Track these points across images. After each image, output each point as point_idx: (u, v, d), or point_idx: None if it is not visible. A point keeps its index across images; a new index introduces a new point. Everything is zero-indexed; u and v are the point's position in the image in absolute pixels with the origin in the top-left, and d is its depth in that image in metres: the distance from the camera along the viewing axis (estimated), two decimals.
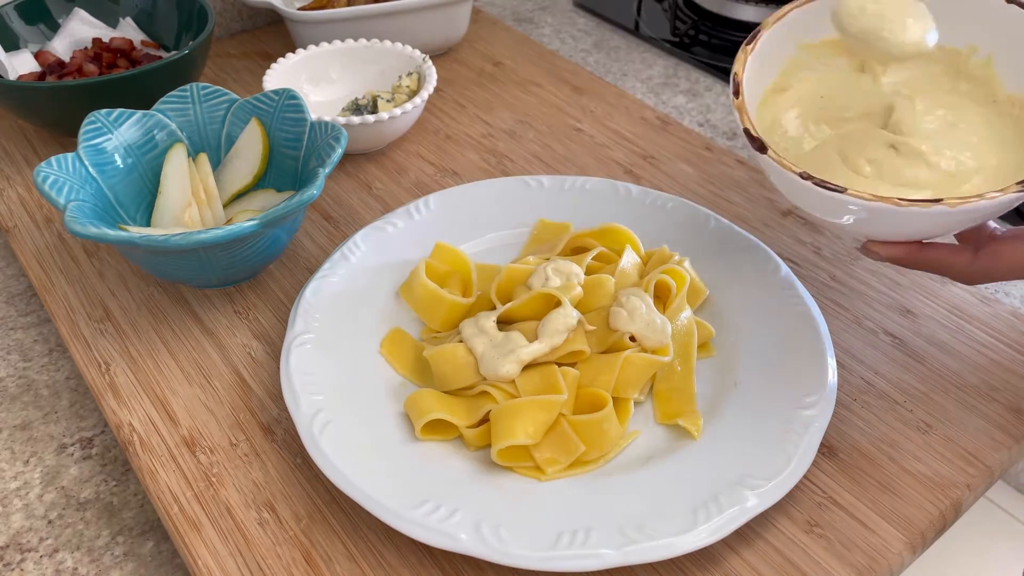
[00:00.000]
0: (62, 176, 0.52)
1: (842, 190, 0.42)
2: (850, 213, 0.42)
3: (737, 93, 0.47)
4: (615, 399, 0.47)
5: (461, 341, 0.49)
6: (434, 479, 0.44)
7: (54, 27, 0.76)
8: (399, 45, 0.74)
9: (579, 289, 0.50)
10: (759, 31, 0.49)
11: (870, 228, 0.44)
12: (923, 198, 0.41)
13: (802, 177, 0.43)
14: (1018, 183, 0.40)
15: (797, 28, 0.50)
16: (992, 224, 0.45)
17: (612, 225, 0.57)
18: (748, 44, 0.49)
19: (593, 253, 0.54)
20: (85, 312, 0.56)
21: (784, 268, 0.54)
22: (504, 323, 0.50)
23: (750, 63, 0.48)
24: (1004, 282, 0.59)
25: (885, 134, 0.47)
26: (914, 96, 0.49)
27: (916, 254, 0.44)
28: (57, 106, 0.65)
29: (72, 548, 0.46)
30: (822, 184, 0.42)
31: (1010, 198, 0.40)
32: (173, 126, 0.59)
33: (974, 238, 0.45)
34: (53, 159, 0.52)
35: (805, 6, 0.50)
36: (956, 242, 0.46)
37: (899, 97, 0.49)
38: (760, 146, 0.44)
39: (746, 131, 0.45)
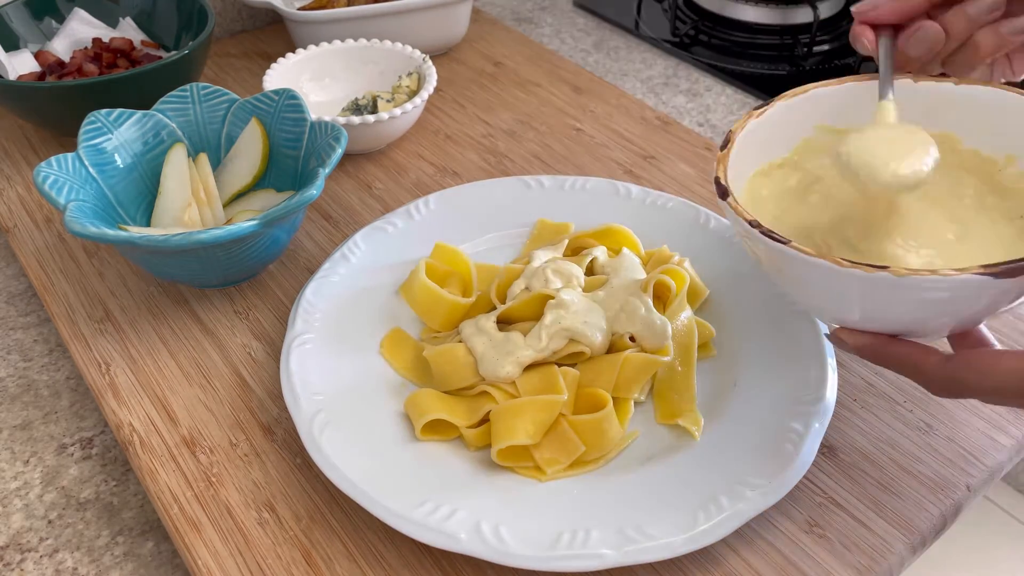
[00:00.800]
0: (62, 176, 0.52)
1: (786, 241, 0.37)
2: (797, 274, 0.39)
3: (725, 146, 0.44)
4: (615, 399, 0.47)
5: (461, 341, 0.49)
6: (434, 479, 0.44)
7: (56, 25, 0.76)
8: (399, 45, 0.74)
9: (579, 289, 0.50)
10: (772, 101, 0.46)
11: (829, 302, 0.39)
12: (869, 263, 0.36)
13: (750, 224, 0.39)
14: (983, 265, 0.35)
15: (820, 107, 0.47)
16: (993, 338, 0.40)
17: (612, 226, 0.57)
18: (756, 110, 0.46)
19: (592, 254, 0.54)
20: (85, 312, 0.56)
21: None
22: (504, 323, 0.50)
23: (752, 126, 0.45)
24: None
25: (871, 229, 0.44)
26: (922, 202, 0.45)
27: (884, 347, 0.40)
28: (57, 106, 0.65)
29: (72, 548, 0.46)
30: (768, 234, 0.38)
31: (968, 279, 0.34)
32: (173, 126, 0.59)
33: (961, 344, 0.41)
34: (53, 159, 0.52)
35: (833, 86, 0.46)
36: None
37: (911, 200, 0.45)
38: (723, 192, 0.41)
39: (716, 179, 0.42)
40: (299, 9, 0.79)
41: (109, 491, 0.49)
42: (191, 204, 0.56)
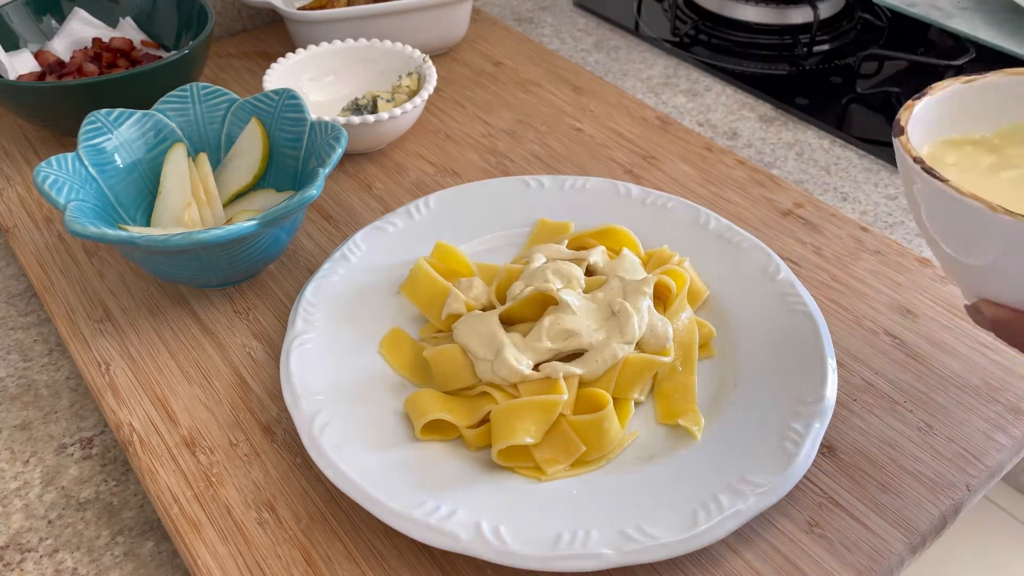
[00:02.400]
0: (62, 176, 0.52)
1: (944, 180, 0.36)
2: (950, 219, 0.37)
3: (919, 97, 0.42)
4: (615, 399, 0.47)
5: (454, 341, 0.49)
6: (434, 479, 0.44)
7: (56, 25, 0.76)
8: (399, 45, 0.74)
9: (580, 289, 0.50)
10: (987, 74, 0.43)
11: (976, 255, 0.38)
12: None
13: (914, 160, 0.38)
14: None
15: None
16: None
17: (611, 226, 0.57)
18: (968, 76, 0.43)
19: (588, 258, 0.54)
20: (85, 312, 0.56)
21: (784, 268, 0.54)
22: (504, 323, 0.50)
23: (956, 90, 0.43)
24: None
25: None
26: None
27: (1021, 322, 0.38)
28: (57, 106, 0.65)
29: (72, 548, 0.46)
30: (929, 171, 0.37)
31: None
32: (173, 126, 0.59)
33: None
34: (53, 159, 0.52)
35: None
36: None
37: None
38: (899, 130, 0.40)
39: (897, 120, 0.41)
40: (299, 9, 0.79)
41: (109, 491, 0.49)
42: (191, 204, 0.56)
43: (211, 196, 0.57)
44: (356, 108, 0.70)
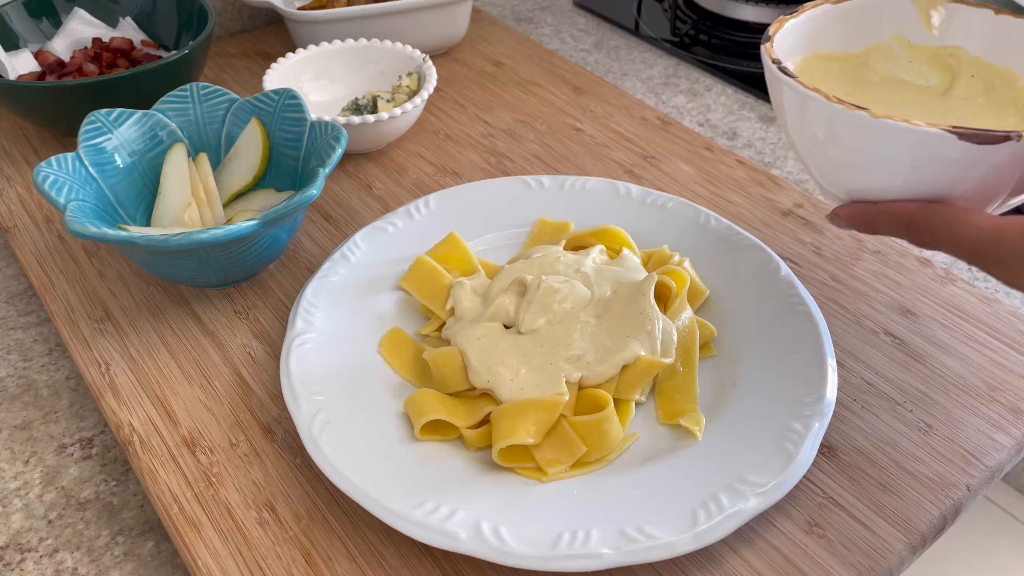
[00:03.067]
0: (62, 176, 0.52)
1: (793, 76, 0.40)
2: (798, 114, 0.41)
3: (792, 15, 0.46)
4: (616, 400, 0.47)
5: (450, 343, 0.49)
6: (434, 479, 0.44)
7: (56, 25, 0.76)
8: (399, 45, 0.74)
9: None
10: None
11: (826, 148, 0.41)
12: (854, 103, 0.39)
13: (773, 62, 0.42)
14: (952, 125, 0.37)
15: (896, 17, 0.48)
16: None
17: (607, 227, 0.57)
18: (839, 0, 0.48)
19: (591, 253, 0.54)
20: (85, 312, 0.56)
21: (784, 268, 0.54)
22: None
23: (825, 9, 0.47)
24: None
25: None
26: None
27: (872, 208, 0.42)
28: (57, 106, 0.65)
29: (72, 548, 0.46)
30: (783, 69, 0.41)
31: (932, 132, 0.37)
32: (173, 126, 0.59)
33: None
34: (53, 159, 0.52)
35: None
36: None
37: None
38: (766, 38, 0.44)
39: (766, 30, 0.45)
40: (299, 9, 0.79)
41: (109, 491, 0.49)
42: (191, 204, 0.56)
43: (211, 196, 0.57)
44: (356, 108, 0.70)
